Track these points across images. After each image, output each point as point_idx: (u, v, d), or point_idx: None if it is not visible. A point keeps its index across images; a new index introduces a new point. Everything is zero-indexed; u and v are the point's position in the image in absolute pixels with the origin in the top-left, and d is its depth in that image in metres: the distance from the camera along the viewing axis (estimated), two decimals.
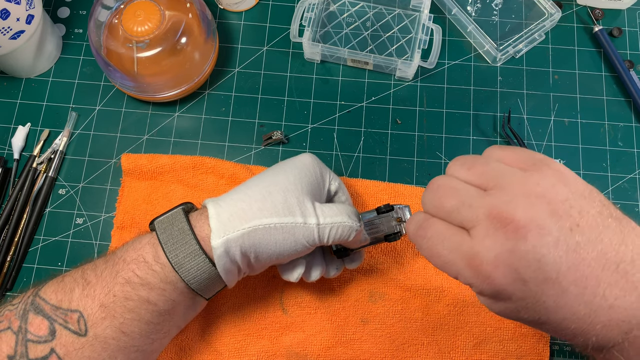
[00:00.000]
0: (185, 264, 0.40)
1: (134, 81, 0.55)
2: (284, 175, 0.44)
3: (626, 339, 0.29)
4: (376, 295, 0.53)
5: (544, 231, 0.28)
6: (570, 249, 0.28)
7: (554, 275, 0.28)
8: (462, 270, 0.31)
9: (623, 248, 0.29)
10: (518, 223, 0.29)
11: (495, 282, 0.29)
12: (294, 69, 0.61)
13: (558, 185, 0.30)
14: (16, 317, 0.40)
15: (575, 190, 0.30)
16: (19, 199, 0.56)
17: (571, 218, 0.29)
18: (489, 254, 0.29)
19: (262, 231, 0.41)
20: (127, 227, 0.55)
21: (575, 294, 0.28)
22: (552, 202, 0.29)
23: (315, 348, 0.51)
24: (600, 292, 0.28)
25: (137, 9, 0.53)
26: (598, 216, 0.29)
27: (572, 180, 0.31)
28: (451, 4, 0.61)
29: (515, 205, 0.29)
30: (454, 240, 0.31)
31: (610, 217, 0.29)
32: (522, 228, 0.28)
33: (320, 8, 0.62)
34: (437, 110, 0.59)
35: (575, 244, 0.28)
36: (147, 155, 0.57)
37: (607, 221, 0.29)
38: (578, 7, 0.63)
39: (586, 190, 0.30)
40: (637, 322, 0.28)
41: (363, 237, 0.45)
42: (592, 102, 0.60)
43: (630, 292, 0.28)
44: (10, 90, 0.61)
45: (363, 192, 0.56)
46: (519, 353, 0.51)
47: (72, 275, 0.42)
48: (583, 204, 0.29)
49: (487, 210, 0.30)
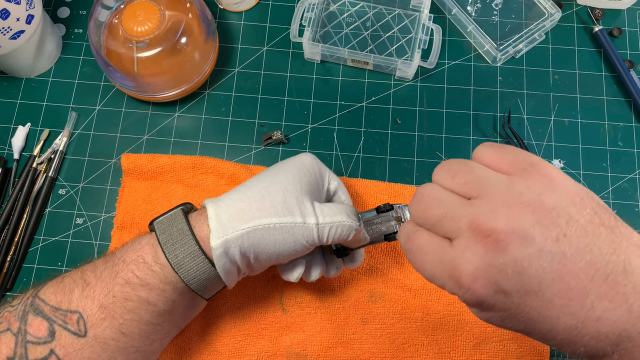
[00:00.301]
0: (185, 265, 0.40)
1: (134, 81, 0.55)
2: (283, 175, 0.44)
3: (616, 350, 0.28)
4: (376, 295, 0.53)
5: (526, 242, 0.27)
6: (555, 260, 0.27)
7: (536, 287, 0.28)
8: (445, 282, 0.30)
9: (614, 258, 0.28)
10: (499, 235, 0.28)
11: (476, 294, 0.29)
12: (294, 69, 0.61)
13: (545, 193, 0.29)
14: (15, 319, 0.40)
15: (566, 198, 0.29)
16: (19, 199, 0.56)
17: (558, 228, 0.28)
18: (468, 266, 0.29)
19: (262, 231, 0.41)
20: (127, 227, 0.55)
21: (561, 305, 0.28)
22: (537, 211, 0.28)
23: (315, 348, 0.51)
24: (587, 304, 0.27)
25: (137, 9, 0.53)
26: (588, 225, 0.28)
27: (562, 187, 0.29)
28: (451, 4, 0.61)
29: (497, 216, 0.28)
30: (437, 253, 0.31)
31: (601, 226, 0.28)
32: (503, 240, 0.28)
33: (320, 8, 0.62)
34: (437, 110, 0.59)
35: (561, 254, 0.27)
36: (147, 155, 0.57)
37: (598, 230, 0.28)
38: (578, 7, 0.63)
39: (577, 196, 0.29)
40: (628, 335, 0.27)
41: (363, 237, 0.45)
42: (592, 102, 0.60)
43: (619, 304, 0.27)
44: (10, 90, 0.61)
45: (363, 192, 0.56)
46: (519, 353, 0.51)
47: (72, 276, 0.42)
48: (572, 213, 0.28)
49: (469, 222, 0.29)
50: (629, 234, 0.29)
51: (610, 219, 0.29)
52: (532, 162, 0.30)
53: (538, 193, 0.29)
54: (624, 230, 0.29)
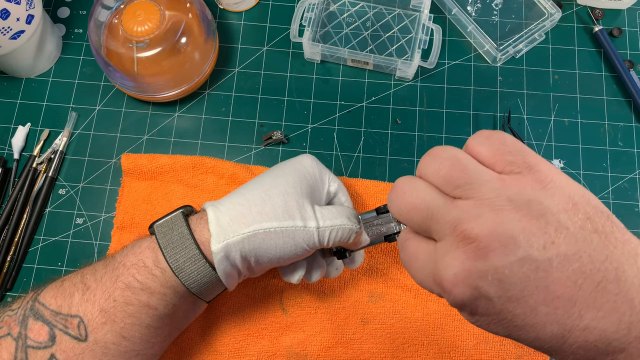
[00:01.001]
0: (186, 269, 0.40)
1: (134, 81, 0.55)
2: (284, 179, 0.44)
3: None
4: (376, 295, 0.53)
5: (508, 250, 0.26)
6: (540, 268, 0.26)
7: (519, 295, 0.27)
8: (432, 287, 0.30)
9: (606, 265, 0.26)
10: (480, 242, 0.27)
11: (457, 299, 0.28)
12: (294, 69, 0.61)
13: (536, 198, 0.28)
14: (16, 323, 0.40)
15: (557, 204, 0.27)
16: (19, 199, 0.56)
17: (546, 235, 0.27)
18: (448, 271, 0.28)
19: (262, 235, 0.41)
20: (127, 227, 0.55)
21: (546, 313, 0.27)
22: (525, 218, 0.27)
23: (315, 348, 0.51)
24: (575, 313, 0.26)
25: (137, 9, 0.53)
26: (579, 232, 0.27)
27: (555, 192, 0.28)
28: (451, 4, 0.61)
29: (482, 222, 0.27)
30: (423, 259, 0.30)
31: (594, 232, 0.27)
32: (485, 247, 0.27)
33: (320, 8, 0.62)
34: (437, 110, 0.59)
35: (547, 262, 0.26)
36: (147, 155, 0.57)
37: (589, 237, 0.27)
38: (578, 7, 0.63)
39: (570, 202, 0.28)
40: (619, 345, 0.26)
41: (364, 239, 0.45)
42: (592, 102, 0.60)
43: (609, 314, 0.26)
44: (10, 90, 0.60)
45: (363, 192, 0.56)
46: (518, 353, 0.51)
47: (72, 280, 0.42)
48: (563, 219, 0.27)
49: (452, 226, 0.28)
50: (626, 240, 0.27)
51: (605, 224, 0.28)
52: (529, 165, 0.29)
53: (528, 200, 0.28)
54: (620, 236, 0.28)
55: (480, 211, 0.28)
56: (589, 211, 0.28)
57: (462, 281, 0.27)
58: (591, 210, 0.28)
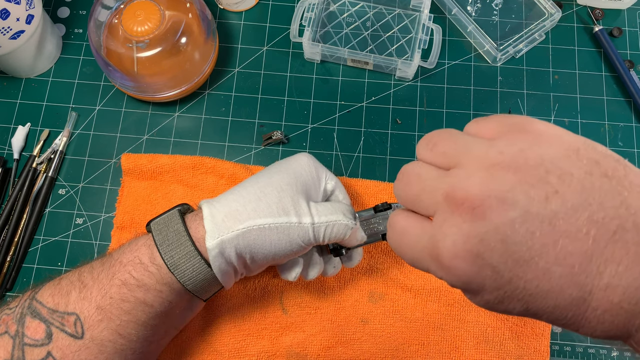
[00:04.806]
0: (181, 266, 0.40)
1: (134, 81, 0.55)
2: (279, 176, 0.44)
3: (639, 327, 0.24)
4: (376, 295, 0.53)
5: (506, 206, 0.24)
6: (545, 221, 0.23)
7: (526, 256, 0.24)
8: (429, 264, 0.27)
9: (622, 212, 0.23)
10: (473, 201, 0.24)
11: (459, 273, 0.25)
12: (294, 69, 0.61)
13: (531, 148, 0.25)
14: (13, 321, 0.40)
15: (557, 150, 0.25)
16: (18, 199, 0.56)
17: (547, 185, 0.24)
18: (446, 241, 0.25)
19: (257, 232, 0.41)
20: (127, 227, 0.55)
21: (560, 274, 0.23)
22: (520, 169, 0.24)
23: (315, 348, 0.51)
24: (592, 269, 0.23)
25: (137, 9, 0.53)
26: (586, 177, 0.24)
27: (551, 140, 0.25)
28: (451, 4, 0.61)
29: (472, 182, 0.25)
30: (415, 233, 0.28)
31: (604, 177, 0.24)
32: (480, 206, 0.24)
33: (320, 8, 0.62)
34: (437, 110, 0.59)
35: (553, 214, 0.23)
36: (147, 155, 0.57)
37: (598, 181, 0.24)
38: (578, 7, 0.63)
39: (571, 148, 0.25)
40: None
41: (360, 236, 0.45)
42: (592, 102, 0.60)
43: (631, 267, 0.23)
44: (10, 90, 0.61)
45: (363, 192, 0.56)
46: (519, 353, 0.51)
47: (69, 278, 0.42)
48: (565, 166, 0.24)
49: (444, 192, 0.26)
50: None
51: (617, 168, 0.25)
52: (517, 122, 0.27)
53: (521, 149, 0.25)
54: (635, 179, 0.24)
55: (469, 172, 0.26)
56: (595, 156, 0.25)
57: (462, 248, 0.25)
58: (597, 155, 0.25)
